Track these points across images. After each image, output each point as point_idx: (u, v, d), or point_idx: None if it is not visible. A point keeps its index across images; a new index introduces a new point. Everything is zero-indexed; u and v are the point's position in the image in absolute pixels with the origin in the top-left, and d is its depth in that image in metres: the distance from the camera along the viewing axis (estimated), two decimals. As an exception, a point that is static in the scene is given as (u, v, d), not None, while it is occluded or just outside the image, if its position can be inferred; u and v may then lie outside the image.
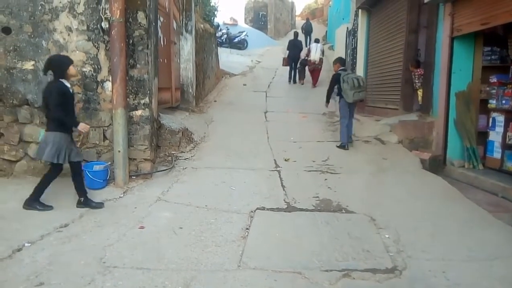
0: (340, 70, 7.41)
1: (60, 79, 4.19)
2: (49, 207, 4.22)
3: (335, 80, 7.31)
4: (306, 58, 13.57)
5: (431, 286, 3.03)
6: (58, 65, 4.19)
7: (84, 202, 4.36)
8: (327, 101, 7.80)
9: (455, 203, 4.85)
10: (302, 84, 14.08)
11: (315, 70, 13.57)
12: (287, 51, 14.27)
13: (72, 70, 4.28)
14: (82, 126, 4.30)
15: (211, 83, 12.27)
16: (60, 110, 4.10)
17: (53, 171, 4.25)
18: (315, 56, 13.24)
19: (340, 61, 7.82)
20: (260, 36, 24.45)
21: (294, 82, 14.15)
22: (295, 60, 14.02)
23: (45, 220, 3.90)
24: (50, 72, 4.22)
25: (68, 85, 4.27)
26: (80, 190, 4.37)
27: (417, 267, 3.30)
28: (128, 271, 3.08)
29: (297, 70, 14.12)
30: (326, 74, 13.60)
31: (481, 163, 6.19)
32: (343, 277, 3.11)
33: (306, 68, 13.90)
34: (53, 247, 3.41)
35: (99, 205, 4.39)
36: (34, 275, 2.95)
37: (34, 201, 4.19)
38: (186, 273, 3.09)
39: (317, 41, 14.73)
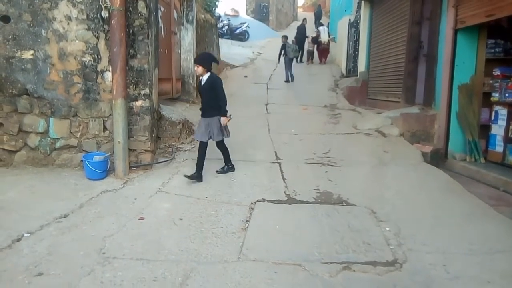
0: (285, 42, 13.14)
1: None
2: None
3: (282, 47, 13.23)
4: (319, 39, 15.29)
5: (431, 279, 3.02)
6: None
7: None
8: (279, 61, 13.37)
9: (457, 196, 4.83)
10: (308, 64, 15.96)
11: (324, 50, 15.73)
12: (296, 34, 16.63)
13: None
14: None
15: (212, 75, 12.19)
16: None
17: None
18: (324, 37, 15.07)
19: (283, 37, 13.58)
20: (262, 27, 24.29)
21: (301, 61, 16.09)
22: (300, 43, 15.84)
23: (45, 211, 3.89)
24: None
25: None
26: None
27: (418, 260, 3.29)
28: (128, 262, 3.08)
29: (306, 51, 15.92)
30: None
31: (483, 156, 6.16)
32: (344, 270, 3.11)
33: (314, 49, 16.07)
34: (53, 237, 3.41)
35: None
36: (33, 265, 2.95)
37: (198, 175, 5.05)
38: (185, 264, 3.09)
39: (321, 24, 16.63)
